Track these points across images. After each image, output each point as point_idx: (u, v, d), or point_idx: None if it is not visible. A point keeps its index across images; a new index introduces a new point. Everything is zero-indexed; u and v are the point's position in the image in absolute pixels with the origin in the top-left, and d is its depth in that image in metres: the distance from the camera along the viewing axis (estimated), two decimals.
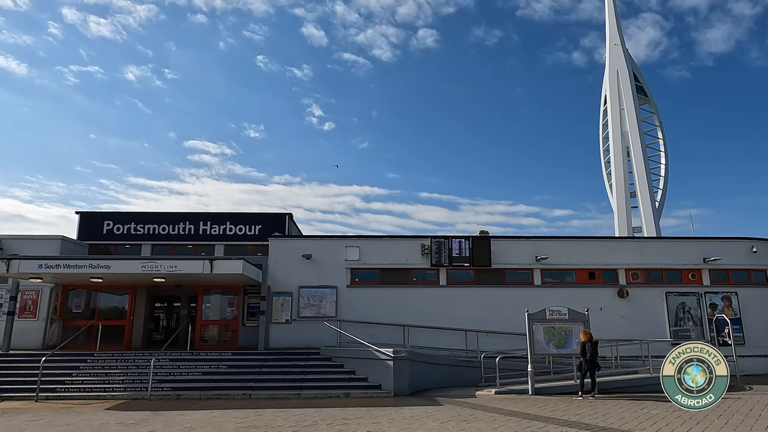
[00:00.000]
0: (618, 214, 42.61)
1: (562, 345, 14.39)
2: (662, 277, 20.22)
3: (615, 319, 18.87)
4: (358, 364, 14.90)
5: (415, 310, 18.56)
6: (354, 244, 19.64)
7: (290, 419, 10.17)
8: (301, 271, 19.06)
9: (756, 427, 9.26)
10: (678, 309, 19.80)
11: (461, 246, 19.52)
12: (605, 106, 45.70)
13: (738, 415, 10.46)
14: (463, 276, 19.61)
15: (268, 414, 10.88)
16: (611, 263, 20.08)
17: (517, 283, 19.61)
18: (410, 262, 19.50)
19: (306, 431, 8.90)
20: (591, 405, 11.80)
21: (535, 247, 19.92)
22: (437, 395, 13.59)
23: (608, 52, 45.96)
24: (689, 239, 21.71)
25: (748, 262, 20.56)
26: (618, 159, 43.03)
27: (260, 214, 23.06)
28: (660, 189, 43.74)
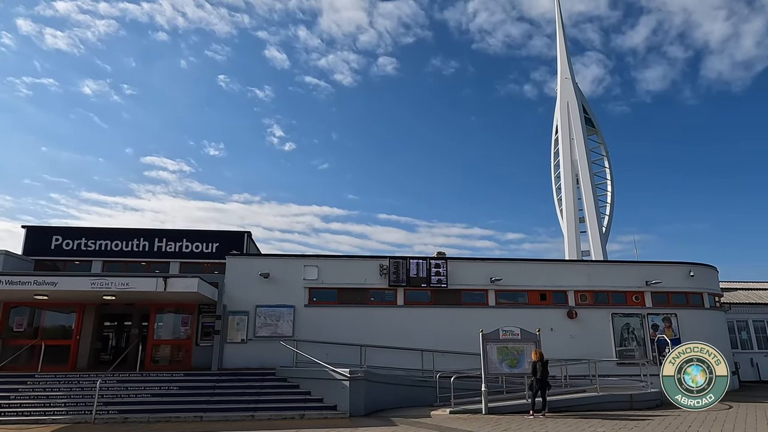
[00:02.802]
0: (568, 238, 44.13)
1: (515, 364, 14.80)
2: (608, 298, 21.13)
3: (564, 339, 19.54)
4: (314, 384, 14.79)
5: (373, 330, 18.63)
6: (313, 264, 19.61)
7: None
8: (259, 289, 18.83)
9: None
10: (623, 329, 20.71)
11: (419, 267, 19.83)
12: (556, 135, 47.69)
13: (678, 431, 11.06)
14: (421, 296, 19.88)
15: None
16: (561, 285, 20.84)
17: (472, 303, 20.02)
18: (369, 282, 19.61)
19: None
20: (542, 424, 12.16)
21: (490, 269, 20.46)
22: (393, 415, 13.64)
23: (559, 85, 48.26)
24: (633, 263, 22.84)
25: (686, 285, 21.81)
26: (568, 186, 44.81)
27: (218, 231, 22.69)
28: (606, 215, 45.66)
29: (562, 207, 45.54)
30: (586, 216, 43.56)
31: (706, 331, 21.57)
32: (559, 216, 46.57)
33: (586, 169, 44.31)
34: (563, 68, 48.46)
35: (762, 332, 27.92)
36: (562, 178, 45.50)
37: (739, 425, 11.72)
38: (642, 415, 13.49)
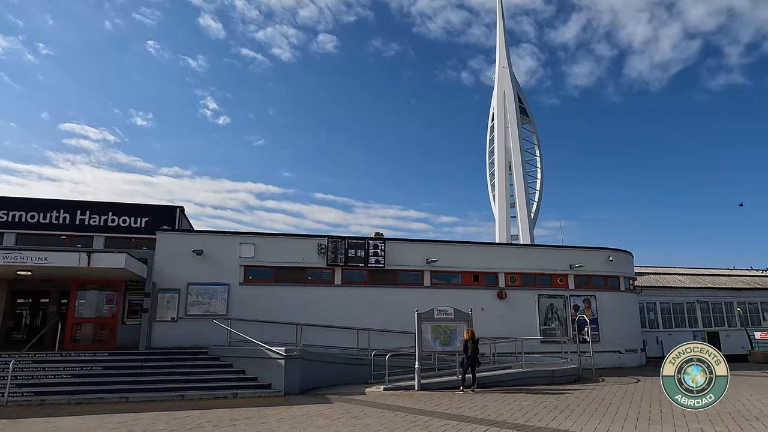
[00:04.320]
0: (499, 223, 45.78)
1: (447, 342, 15.32)
2: (536, 280, 22.29)
3: (494, 319, 20.45)
4: (248, 363, 14.59)
5: (310, 309, 18.59)
6: (249, 241, 19.17)
7: (172, 422, 9.71)
8: (191, 267, 18.19)
9: (608, 413, 10.68)
10: (547, 310, 21.97)
11: (357, 247, 19.91)
12: (492, 123, 49.01)
13: (593, 403, 11.97)
14: (358, 276, 20.02)
15: (147, 417, 10.27)
16: (493, 267, 21.70)
17: (408, 283, 20.44)
18: (306, 261, 19.48)
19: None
20: (471, 399, 12.72)
21: (426, 251, 20.92)
22: (328, 393, 13.77)
23: (497, 73, 49.46)
24: (559, 248, 24.17)
25: (606, 269, 23.41)
26: (501, 172, 46.33)
27: (148, 205, 21.55)
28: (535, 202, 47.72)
29: (495, 192, 47.10)
30: (516, 202, 45.33)
31: (621, 311, 23.38)
32: (492, 201, 48.18)
33: (518, 157, 45.98)
34: (501, 57, 49.66)
35: (667, 313, 30.60)
36: (496, 164, 46.97)
37: (646, 397, 12.87)
38: (562, 389, 14.47)
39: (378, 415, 10.43)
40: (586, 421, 9.55)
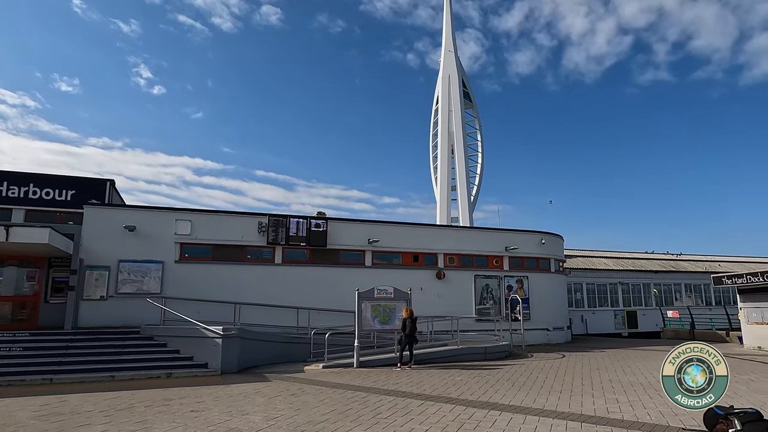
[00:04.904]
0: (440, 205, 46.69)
1: (387, 321, 15.64)
2: (473, 262, 23.04)
3: (433, 298, 21.01)
4: (183, 342, 14.24)
5: (249, 288, 18.31)
6: (186, 218, 18.52)
7: (101, 403, 9.37)
8: (123, 243, 17.37)
9: (534, 387, 11.35)
10: (483, 290, 22.82)
11: (298, 226, 19.74)
12: (436, 106, 49.55)
13: (522, 378, 12.66)
14: (299, 255, 19.89)
15: (74, 399, 9.84)
16: (432, 248, 22.21)
17: (349, 263, 20.55)
18: (246, 240, 19.10)
19: (121, 416, 8.32)
20: (408, 375, 13.10)
21: (368, 231, 21.07)
22: (266, 372, 13.72)
23: (443, 57, 49.89)
24: (495, 230, 25.05)
25: (538, 251, 24.56)
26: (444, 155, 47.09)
27: (75, 177, 20.19)
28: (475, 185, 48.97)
29: (437, 175, 47.88)
30: (458, 185, 46.35)
31: (551, 292, 24.68)
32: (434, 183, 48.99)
33: (461, 141, 46.86)
34: (447, 41, 50.06)
35: (592, 293, 32.61)
36: (439, 147, 47.68)
37: (569, 371, 13.76)
38: (494, 365, 15.19)
39: (316, 392, 10.54)
40: (514, 395, 10.12)
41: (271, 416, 8.16)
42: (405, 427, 7.40)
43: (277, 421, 7.79)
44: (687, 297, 36.00)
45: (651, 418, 7.86)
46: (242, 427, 7.41)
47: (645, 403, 9.10)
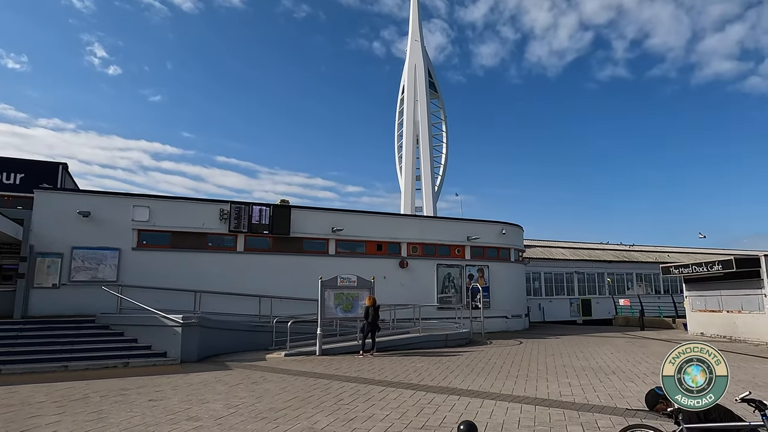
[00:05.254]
0: (404, 194, 46.95)
1: (349, 309, 15.73)
2: (435, 251, 23.37)
3: (395, 287, 21.23)
4: (141, 331, 13.93)
5: (210, 276, 18.01)
6: (144, 204, 18.00)
7: (54, 394, 9.11)
8: (77, 229, 16.75)
9: (492, 372, 11.70)
10: (445, 278, 23.21)
11: (261, 213, 19.52)
12: (402, 95, 49.60)
13: (481, 363, 13.02)
14: (261, 243, 19.68)
15: (24, 390, 9.52)
16: (396, 237, 22.39)
17: (313, 251, 20.48)
18: (207, 227, 18.74)
19: (75, 406, 8.13)
20: (370, 362, 13.26)
21: (332, 219, 21.04)
22: (228, 360, 13.61)
23: (409, 46, 49.87)
24: (458, 220, 25.47)
25: (499, 241, 25.12)
26: (409, 145, 47.29)
27: (24, 160, 19.26)
28: (440, 175, 49.48)
29: (402, 164, 48.06)
30: (422, 174, 46.69)
31: (510, 280, 25.33)
32: (399, 173, 49.16)
33: (426, 131, 47.14)
34: (414, 30, 50.04)
35: (550, 282, 33.66)
36: (405, 137, 47.82)
37: (526, 357, 14.23)
38: (454, 352, 15.54)
39: (278, 379, 10.55)
40: (473, 380, 10.42)
41: (232, 404, 8.14)
42: (366, 412, 7.53)
43: (239, 409, 7.79)
44: (638, 286, 37.63)
45: (600, 401, 8.27)
46: (203, 415, 7.38)
47: (595, 387, 9.54)
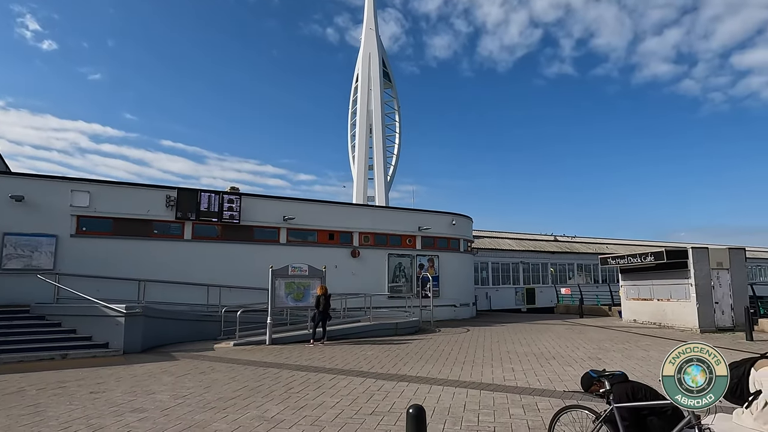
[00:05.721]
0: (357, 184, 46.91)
1: (300, 298, 15.69)
2: (387, 240, 23.60)
3: (347, 276, 21.31)
4: (80, 322, 13.38)
5: (156, 265, 17.42)
6: (83, 189, 17.14)
7: None
8: (8, 215, 15.75)
9: (440, 359, 12.03)
10: (396, 268, 23.51)
11: (210, 200, 19.04)
12: (356, 84, 49.35)
13: (429, 351, 13.35)
14: (210, 231, 19.22)
15: None
16: (348, 227, 22.43)
17: (264, 240, 20.21)
18: (153, 214, 18.09)
19: (9, 400, 7.75)
20: (321, 351, 13.32)
21: (284, 208, 20.80)
22: (174, 351, 13.30)
23: (364, 34, 49.57)
24: (410, 210, 25.78)
25: (449, 232, 25.65)
26: (362, 134, 47.19)
27: None
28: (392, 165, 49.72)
29: (355, 153, 47.95)
30: (375, 164, 46.76)
31: (459, 270, 25.96)
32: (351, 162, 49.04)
33: (379, 121, 47.16)
34: (369, 18, 49.76)
35: (496, 272, 34.72)
36: (358, 126, 47.67)
37: (473, 344, 14.71)
38: (404, 340, 15.84)
39: (227, 369, 10.44)
40: (422, 367, 10.69)
41: (179, 394, 8.01)
42: (317, 400, 7.60)
43: (186, 399, 7.68)
44: (578, 276, 39.45)
45: (540, 384, 8.71)
46: (148, 406, 7.23)
47: (536, 371, 10.02)
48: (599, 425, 4.21)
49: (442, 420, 6.42)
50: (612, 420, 4.10)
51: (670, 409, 4.11)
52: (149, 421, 6.45)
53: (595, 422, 4.26)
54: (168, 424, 6.34)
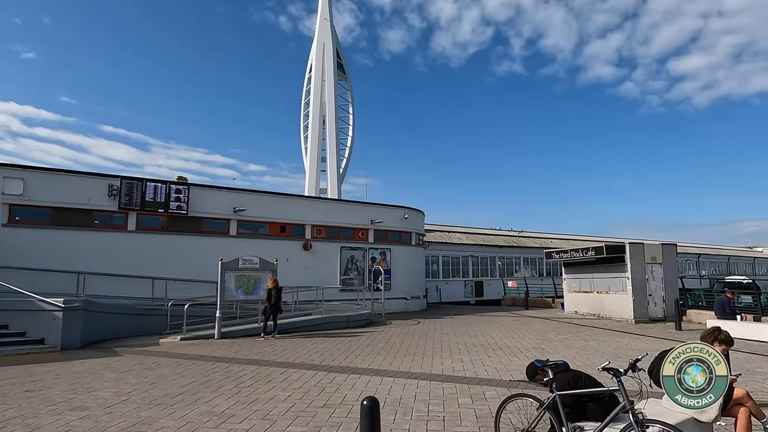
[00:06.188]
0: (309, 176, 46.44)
1: (251, 291, 15.46)
2: (340, 233, 23.56)
3: (299, 269, 21.13)
4: (14, 316, 12.62)
5: (97, 257, 16.65)
6: (16, 176, 16.12)
7: None
8: None
9: (391, 351, 12.19)
10: (348, 261, 23.53)
11: (156, 190, 18.36)
12: (310, 74, 48.74)
13: (381, 343, 13.48)
14: (156, 222, 18.54)
15: None
16: (300, 219, 22.22)
17: (213, 232, 19.70)
18: (94, 203, 17.25)
19: None
20: (271, 344, 13.19)
21: (234, 199, 20.35)
22: (116, 346, 12.80)
23: (318, 24, 48.93)
24: (363, 204, 25.82)
25: (401, 225, 25.89)
26: (315, 126, 46.70)
27: None
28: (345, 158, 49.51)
29: (307, 145, 47.43)
30: (327, 156, 46.43)
31: (411, 263, 26.28)
32: (304, 153, 48.49)
33: (332, 112, 46.81)
34: (324, 8, 49.14)
35: (447, 265, 35.39)
36: (311, 117, 47.13)
37: (423, 336, 14.97)
38: (355, 332, 15.92)
39: (174, 364, 10.17)
40: (373, 359, 10.81)
41: (123, 391, 7.75)
42: (267, 394, 7.55)
43: (131, 396, 7.44)
44: (525, 269, 40.82)
45: (488, 374, 9.01)
46: (89, 404, 6.95)
47: (484, 362, 10.35)
48: (542, 412, 4.44)
49: (393, 411, 6.54)
50: (554, 407, 4.32)
51: (607, 396, 4.38)
52: (91, 420, 6.21)
53: (539, 409, 4.48)
54: (111, 422, 6.13)
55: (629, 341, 13.47)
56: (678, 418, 4.36)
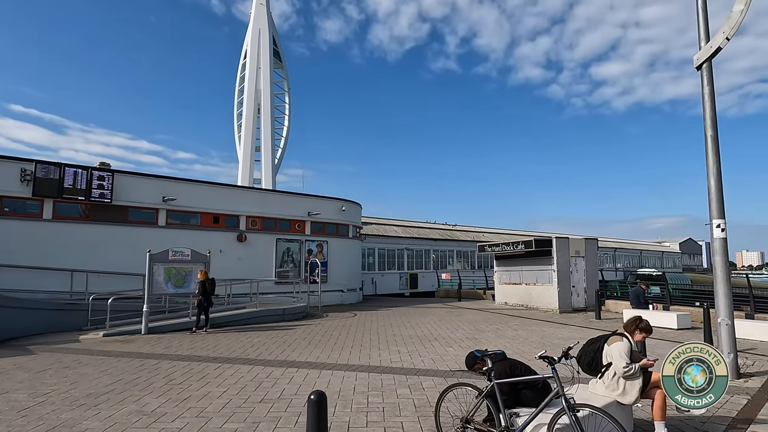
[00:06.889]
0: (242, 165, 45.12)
1: (181, 285, 14.83)
2: (276, 225, 23.07)
3: (233, 261, 20.51)
4: None
5: (9, 247, 15.25)
6: None
7: None
8: None
9: (328, 344, 12.14)
10: (284, 253, 23.12)
11: (76, 177, 17.10)
12: (245, 60, 47.20)
13: (317, 336, 13.40)
14: (76, 211, 17.28)
15: None
16: (234, 210, 21.54)
17: (140, 222, 18.65)
18: (4, 189, 15.80)
19: None
20: (203, 339, 12.74)
21: (163, 187, 19.35)
22: (30, 344, 11.87)
23: (254, 9, 47.38)
24: (299, 195, 25.43)
25: (338, 218, 25.77)
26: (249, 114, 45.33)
27: None
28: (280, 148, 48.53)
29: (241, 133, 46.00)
30: (262, 146, 45.28)
31: (347, 256, 26.25)
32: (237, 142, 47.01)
33: (268, 101, 45.62)
34: None
35: (383, 258, 35.69)
36: (245, 105, 45.69)
37: (360, 328, 15.04)
38: (291, 325, 15.71)
39: (97, 362, 9.58)
40: (311, 352, 10.72)
41: (39, 392, 7.21)
42: (201, 391, 7.30)
43: (49, 397, 6.93)
44: (458, 262, 41.97)
45: (425, 365, 9.20)
46: (1, 407, 6.41)
47: (420, 353, 10.56)
48: (481, 400, 4.59)
49: (333, 404, 6.52)
50: (492, 395, 4.49)
51: (541, 383, 4.61)
52: (3, 424, 5.73)
53: (478, 398, 4.63)
54: (27, 426, 5.69)
55: (554, 330, 14.22)
56: (603, 402, 4.70)
